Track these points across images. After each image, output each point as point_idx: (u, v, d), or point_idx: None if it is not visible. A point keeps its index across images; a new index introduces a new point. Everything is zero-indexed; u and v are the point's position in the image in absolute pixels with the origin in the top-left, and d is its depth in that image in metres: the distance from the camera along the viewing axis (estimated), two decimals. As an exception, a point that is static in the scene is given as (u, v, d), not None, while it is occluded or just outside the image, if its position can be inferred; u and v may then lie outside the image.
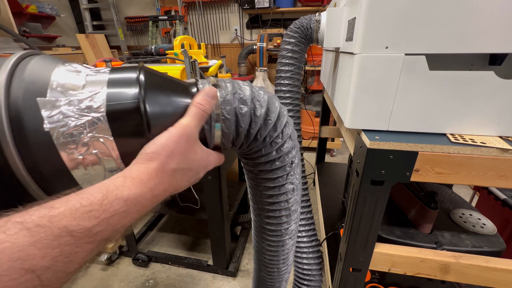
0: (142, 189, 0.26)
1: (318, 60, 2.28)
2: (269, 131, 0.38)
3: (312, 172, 2.10)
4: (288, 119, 0.41)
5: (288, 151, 0.41)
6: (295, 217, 0.49)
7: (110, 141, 0.29)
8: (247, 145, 0.39)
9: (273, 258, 0.54)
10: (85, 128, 0.28)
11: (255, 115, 0.36)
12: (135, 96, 0.30)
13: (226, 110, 0.35)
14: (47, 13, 2.84)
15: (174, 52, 1.13)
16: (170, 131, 0.30)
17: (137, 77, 0.32)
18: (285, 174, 0.42)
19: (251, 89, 0.37)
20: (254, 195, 0.48)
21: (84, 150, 0.29)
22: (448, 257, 0.63)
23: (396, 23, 0.49)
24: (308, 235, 0.89)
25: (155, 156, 0.28)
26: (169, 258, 1.35)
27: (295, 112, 0.86)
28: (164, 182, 0.29)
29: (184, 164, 0.31)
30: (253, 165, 0.43)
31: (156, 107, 0.31)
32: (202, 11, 3.22)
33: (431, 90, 0.52)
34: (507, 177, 0.51)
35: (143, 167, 0.27)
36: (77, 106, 0.28)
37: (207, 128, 0.34)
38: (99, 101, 0.29)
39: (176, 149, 0.30)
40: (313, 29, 0.77)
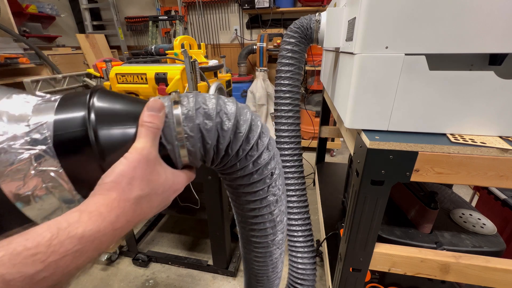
0: (101, 224, 0.24)
1: (318, 60, 2.28)
2: (241, 144, 0.36)
3: (312, 172, 2.10)
4: (264, 129, 0.39)
5: (266, 163, 0.39)
6: (281, 227, 0.47)
7: (60, 173, 0.28)
8: (219, 161, 0.37)
9: (261, 268, 0.54)
10: (31, 162, 0.26)
11: (223, 129, 0.34)
12: (84, 123, 0.28)
13: (189, 127, 0.32)
14: (47, 13, 2.84)
15: (174, 52, 1.13)
16: (127, 157, 0.28)
17: (87, 101, 0.30)
18: (265, 187, 0.41)
19: (218, 101, 0.35)
20: (236, 208, 0.46)
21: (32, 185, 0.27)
22: (448, 257, 0.63)
23: (396, 23, 0.49)
24: (304, 235, 0.89)
25: (114, 185, 0.26)
26: (169, 258, 1.35)
27: (295, 112, 0.86)
28: (127, 213, 0.26)
29: (148, 189, 0.28)
30: (231, 179, 0.41)
31: (110, 133, 0.29)
32: (202, 11, 3.22)
33: (431, 90, 0.52)
34: (507, 177, 0.51)
35: (102, 199, 0.25)
36: (21, 140, 0.26)
37: (170, 148, 0.32)
38: (45, 132, 0.27)
39: (136, 175, 0.27)
40: (313, 29, 0.77)
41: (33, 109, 0.29)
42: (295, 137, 0.87)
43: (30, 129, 0.27)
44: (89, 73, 1.28)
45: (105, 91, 0.33)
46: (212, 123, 0.33)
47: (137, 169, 0.27)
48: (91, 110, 0.29)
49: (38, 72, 2.01)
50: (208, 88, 1.04)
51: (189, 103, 0.33)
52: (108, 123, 0.30)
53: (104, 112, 0.30)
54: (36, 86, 1.10)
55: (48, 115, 0.28)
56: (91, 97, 0.30)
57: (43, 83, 1.13)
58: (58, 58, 2.21)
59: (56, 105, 0.29)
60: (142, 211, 0.28)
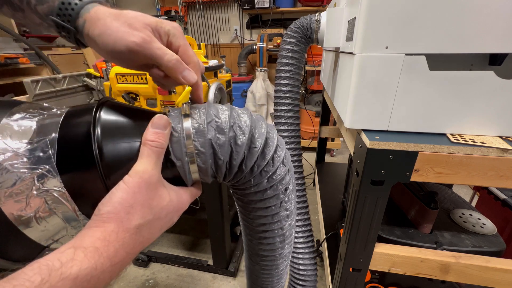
0: (97, 260, 0.22)
1: (318, 60, 2.28)
2: (256, 159, 0.33)
3: (312, 172, 2.10)
4: (279, 142, 0.36)
5: (281, 178, 0.36)
6: (289, 240, 0.45)
7: (63, 193, 0.26)
8: (232, 177, 0.34)
9: (266, 279, 0.52)
10: (33, 182, 0.25)
11: (236, 144, 0.31)
12: (88, 138, 0.26)
13: (199, 143, 0.30)
14: (47, 13, 2.84)
15: (174, 52, 1.13)
16: (126, 181, 0.26)
17: (93, 115, 0.28)
18: (278, 203, 0.38)
19: (231, 113, 0.32)
20: (244, 221, 0.44)
21: (35, 206, 0.26)
22: (448, 257, 0.63)
23: (396, 23, 0.49)
24: (305, 236, 0.89)
25: (111, 215, 0.24)
26: (169, 258, 1.35)
27: (295, 113, 0.86)
28: (128, 244, 0.24)
29: (150, 215, 0.26)
30: (242, 194, 0.38)
31: (116, 149, 0.27)
32: (202, 11, 3.22)
33: (431, 90, 0.52)
34: (507, 177, 0.51)
35: (98, 232, 0.23)
36: (23, 159, 0.25)
37: (179, 165, 0.30)
38: (48, 150, 0.26)
39: (136, 202, 0.25)
40: (313, 29, 0.77)
41: (37, 125, 0.27)
42: (295, 137, 0.87)
43: (33, 146, 0.26)
44: (89, 73, 1.28)
45: (112, 104, 0.31)
46: (225, 137, 0.31)
47: (137, 195, 0.25)
48: (97, 125, 0.27)
49: (38, 72, 2.00)
50: (208, 88, 1.04)
51: (200, 116, 0.31)
52: (114, 138, 0.28)
53: (111, 126, 0.28)
54: (36, 86, 1.10)
55: (52, 130, 0.27)
56: (98, 111, 0.29)
57: (43, 83, 1.13)
58: (58, 58, 2.21)
59: (61, 119, 0.28)
60: (143, 239, 0.26)
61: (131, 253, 0.25)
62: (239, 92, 2.85)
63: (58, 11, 0.28)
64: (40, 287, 0.18)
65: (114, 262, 0.23)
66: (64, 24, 0.28)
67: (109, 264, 0.22)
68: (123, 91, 1.05)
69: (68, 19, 0.28)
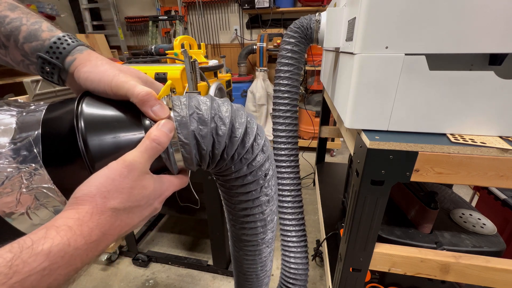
0: (70, 237, 0.22)
1: (318, 60, 2.28)
2: (237, 148, 0.35)
3: (312, 172, 2.10)
4: (259, 130, 0.38)
5: (261, 165, 0.38)
6: (271, 226, 0.47)
7: (52, 188, 0.27)
8: (214, 165, 0.36)
9: (250, 266, 0.54)
10: (21, 181, 0.26)
11: (218, 134, 0.33)
12: (73, 132, 0.27)
13: (183, 134, 0.31)
14: (47, 13, 2.84)
15: (174, 52, 1.13)
16: (110, 167, 0.26)
17: (75, 108, 0.28)
18: (258, 187, 0.40)
19: (212, 105, 0.33)
20: (227, 206, 0.46)
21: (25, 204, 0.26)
22: (448, 257, 0.63)
23: (396, 23, 0.49)
24: (298, 235, 0.89)
25: (87, 198, 0.24)
26: (169, 258, 1.35)
27: (293, 113, 0.86)
28: (103, 225, 0.25)
29: (129, 202, 0.27)
30: (224, 180, 0.40)
31: (100, 141, 0.28)
32: (202, 11, 3.22)
33: (431, 90, 0.52)
34: (507, 177, 0.51)
35: (72, 213, 0.23)
36: (9, 159, 0.25)
37: (164, 156, 0.31)
38: (33, 148, 0.26)
39: (115, 188, 0.26)
40: (313, 29, 0.77)
41: (18, 122, 0.27)
42: (292, 137, 0.87)
43: (17, 146, 0.26)
44: (89, 73, 1.28)
45: (93, 96, 0.31)
46: (207, 129, 0.32)
47: (116, 182, 0.26)
48: (80, 118, 0.27)
49: (38, 72, 2.00)
50: (208, 88, 1.04)
51: (182, 108, 0.32)
52: (98, 130, 0.28)
53: (94, 119, 0.28)
54: (36, 86, 1.10)
55: (34, 128, 0.27)
56: (80, 104, 0.29)
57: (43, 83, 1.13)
58: (58, 58, 2.20)
59: (43, 115, 0.28)
60: (122, 222, 0.27)
61: (108, 234, 0.25)
62: (239, 92, 2.85)
63: (48, 49, 0.30)
64: (11, 262, 0.19)
65: (89, 241, 0.23)
66: (52, 60, 0.30)
67: (83, 242, 0.23)
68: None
69: (58, 56, 0.30)
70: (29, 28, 0.30)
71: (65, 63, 0.31)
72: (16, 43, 0.30)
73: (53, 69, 0.31)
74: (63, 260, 0.21)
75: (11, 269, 0.19)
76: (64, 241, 0.22)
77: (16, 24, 0.30)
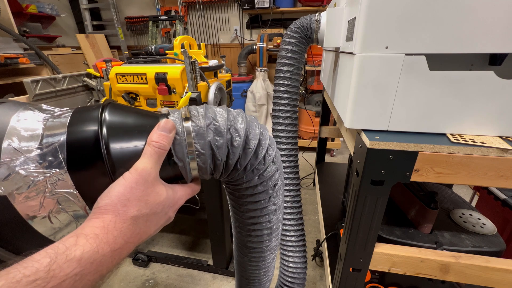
0: (98, 245, 0.23)
1: (318, 60, 2.28)
2: (250, 159, 0.36)
3: (312, 172, 2.10)
4: (271, 142, 0.39)
5: (271, 176, 0.39)
6: (277, 233, 0.48)
7: (75, 194, 0.28)
8: (227, 175, 0.37)
9: (254, 271, 0.54)
10: (46, 185, 0.27)
11: (233, 145, 0.34)
12: (96, 138, 0.28)
13: (200, 145, 0.32)
14: (47, 13, 2.84)
15: (174, 52, 1.13)
16: (125, 177, 0.28)
17: (99, 115, 0.29)
18: (267, 197, 0.41)
19: (228, 116, 0.34)
20: (235, 214, 0.47)
21: (48, 208, 0.27)
22: (448, 257, 0.63)
23: (396, 23, 0.49)
24: (296, 235, 0.90)
25: (109, 208, 0.26)
26: (169, 258, 1.35)
27: (293, 113, 0.86)
28: (125, 233, 0.26)
29: (146, 209, 0.28)
30: (234, 189, 0.41)
31: (121, 147, 0.29)
32: (202, 11, 3.22)
33: (431, 90, 0.52)
34: (507, 177, 0.51)
35: (97, 222, 0.25)
36: (35, 164, 0.26)
37: (181, 165, 0.32)
38: (59, 154, 0.27)
39: (133, 196, 0.27)
40: (313, 29, 0.77)
41: (44, 128, 0.28)
42: (292, 138, 0.87)
43: (43, 152, 0.27)
44: (89, 73, 1.28)
45: (116, 105, 0.32)
46: (223, 139, 0.33)
47: (134, 190, 0.27)
48: (103, 125, 0.29)
49: (38, 72, 2.00)
50: (208, 88, 1.04)
51: (199, 119, 0.33)
52: (119, 137, 0.29)
53: (116, 126, 0.30)
54: (36, 86, 1.10)
55: (60, 133, 0.28)
56: (103, 112, 0.30)
57: (43, 83, 1.13)
58: (58, 58, 2.20)
59: (68, 122, 0.29)
60: (141, 230, 0.28)
61: (129, 242, 0.27)
62: (239, 92, 2.84)
63: None
64: (49, 267, 0.20)
65: (114, 249, 0.25)
66: None
67: (109, 249, 0.24)
68: (123, 91, 1.05)
69: None
70: None
71: None
72: None
73: None
74: (92, 266, 0.23)
75: (48, 273, 0.20)
76: (93, 249, 0.23)
77: None
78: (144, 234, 0.29)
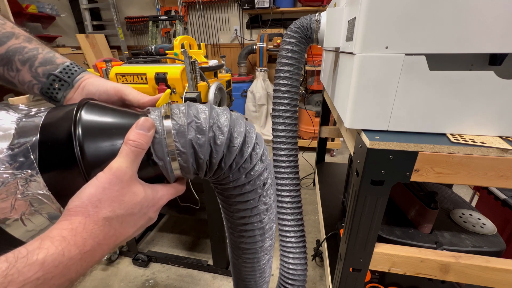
0: (64, 247, 0.22)
1: (318, 60, 2.28)
2: (235, 157, 0.35)
3: (312, 172, 2.10)
4: (258, 139, 0.38)
5: (259, 174, 0.38)
6: (270, 234, 0.47)
7: (48, 195, 0.27)
8: (211, 174, 0.36)
9: (249, 273, 0.54)
10: (17, 187, 0.26)
11: (216, 143, 0.33)
12: (70, 139, 0.27)
13: (180, 143, 0.31)
14: (47, 13, 2.84)
15: (174, 52, 1.13)
16: (99, 177, 0.27)
17: (74, 115, 0.28)
18: (256, 197, 0.40)
19: (211, 113, 0.33)
20: (226, 215, 0.46)
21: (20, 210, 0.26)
22: (448, 257, 0.63)
23: (396, 23, 0.49)
24: (296, 236, 0.89)
25: (79, 209, 0.25)
26: (169, 258, 1.35)
27: (293, 113, 0.86)
28: (97, 235, 0.25)
29: (120, 210, 0.27)
30: (222, 189, 0.41)
31: (97, 148, 0.28)
32: (202, 11, 3.22)
33: (431, 90, 0.52)
34: (507, 177, 0.51)
35: (65, 224, 0.24)
36: (5, 164, 0.26)
37: (161, 164, 0.31)
38: (30, 155, 0.26)
39: (106, 196, 0.26)
40: (313, 29, 0.77)
41: (17, 128, 0.27)
42: (291, 138, 0.87)
43: (14, 152, 0.26)
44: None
45: (93, 104, 0.31)
46: (204, 138, 0.32)
47: (107, 190, 0.26)
48: (78, 124, 0.28)
49: (38, 72, 2.00)
50: (208, 88, 1.04)
51: (180, 117, 0.32)
52: (95, 137, 0.28)
53: (92, 126, 0.29)
54: (36, 86, 1.10)
55: (32, 133, 0.27)
56: (79, 110, 0.29)
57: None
58: (58, 58, 2.20)
59: (42, 121, 0.28)
60: (116, 232, 0.27)
61: (102, 244, 0.26)
62: (239, 92, 2.85)
63: (62, 70, 0.37)
64: (6, 272, 0.19)
65: (83, 251, 0.24)
66: (63, 78, 0.37)
67: (78, 251, 0.23)
68: (123, 91, 1.04)
69: (69, 75, 0.38)
70: (44, 56, 0.37)
71: (73, 81, 0.38)
72: (31, 67, 0.36)
73: (62, 85, 0.37)
74: (57, 269, 0.22)
75: (6, 278, 0.19)
76: (59, 251, 0.22)
77: (33, 53, 0.36)
78: (121, 235, 0.28)
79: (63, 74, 0.37)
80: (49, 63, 0.37)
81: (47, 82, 0.36)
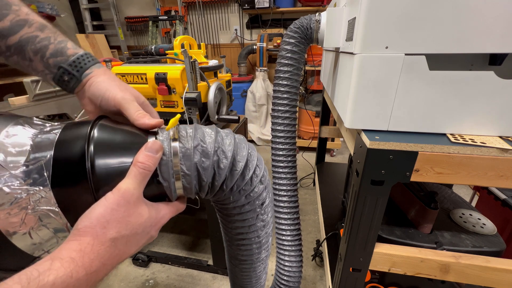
0: (73, 269, 0.23)
1: (318, 60, 2.28)
2: (236, 180, 0.36)
3: (312, 172, 2.10)
4: (258, 161, 0.39)
5: (259, 195, 0.39)
6: (266, 246, 0.49)
7: (57, 212, 0.28)
8: (213, 195, 0.37)
9: (245, 280, 0.55)
10: (28, 202, 0.27)
11: (219, 167, 0.34)
12: (82, 155, 0.28)
13: (186, 166, 0.32)
14: (47, 13, 2.84)
15: (174, 52, 1.13)
16: (107, 198, 0.27)
17: (88, 132, 0.29)
18: (255, 215, 0.41)
19: (216, 138, 0.34)
20: (224, 229, 0.47)
21: (29, 224, 0.27)
22: (448, 257, 0.63)
23: (396, 23, 0.49)
24: (292, 234, 0.90)
25: (88, 230, 0.26)
26: (169, 258, 1.35)
27: (292, 113, 0.86)
28: (103, 256, 0.26)
29: (126, 230, 0.28)
30: (222, 208, 0.42)
31: (106, 169, 0.29)
32: (202, 11, 3.21)
33: (431, 90, 0.52)
34: (507, 177, 0.51)
35: (74, 244, 0.25)
36: (19, 181, 0.26)
37: (166, 185, 0.32)
38: (44, 172, 0.27)
39: (113, 217, 0.27)
40: (313, 29, 0.77)
41: (32, 144, 0.28)
42: (290, 138, 0.87)
43: (29, 168, 0.27)
44: (89, 73, 1.28)
45: (105, 125, 0.32)
46: (209, 161, 0.33)
47: (115, 212, 0.27)
48: (91, 142, 0.29)
49: (38, 72, 2.00)
50: (208, 88, 1.04)
51: (187, 140, 0.33)
52: (106, 155, 0.29)
53: (104, 144, 0.30)
54: (36, 86, 1.10)
55: (47, 150, 0.28)
56: (92, 129, 0.30)
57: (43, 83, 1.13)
58: (58, 58, 2.20)
59: (56, 139, 0.29)
60: (119, 252, 0.28)
61: (107, 264, 0.26)
62: (239, 92, 2.85)
63: (71, 63, 0.36)
64: None
65: (90, 271, 0.25)
66: (72, 72, 0.37)
67: (84, 273, 0.24)
68: (123, 91, 1.04)
69: (78, 69, 0.37)
70: (56, 46, 0.36)
71: (82, 76, 0.37)
72: (42, 58, 0.36)
73: (71, 79, 0.37)
74: None
75: None
76: (67, 273, 0.23)
77: (45, 43, 0.36)
78: (124, 254, 0.29)
79: (72, 68, 0.36)
80: (60, 55, 0.36)
81: (57, 73, 0.36)
